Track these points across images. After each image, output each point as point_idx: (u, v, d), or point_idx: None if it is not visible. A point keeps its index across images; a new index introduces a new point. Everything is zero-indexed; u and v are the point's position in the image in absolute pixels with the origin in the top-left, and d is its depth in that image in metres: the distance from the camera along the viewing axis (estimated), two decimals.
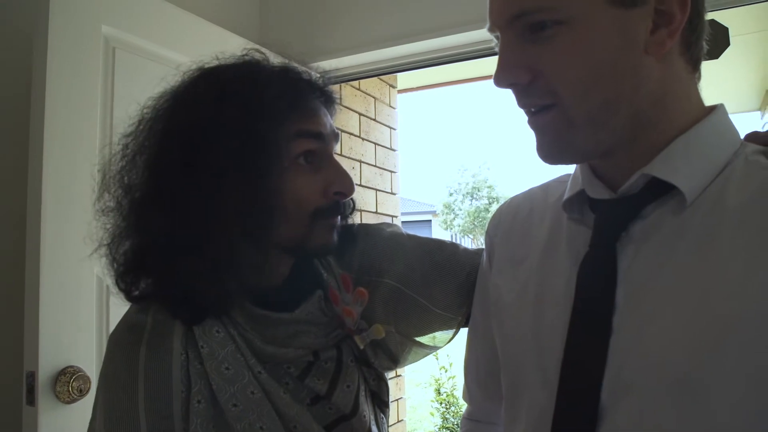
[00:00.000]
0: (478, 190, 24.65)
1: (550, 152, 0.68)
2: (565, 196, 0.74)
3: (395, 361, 0.93)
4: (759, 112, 4.62)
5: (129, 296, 0.83)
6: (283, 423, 0.78)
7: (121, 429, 0.75)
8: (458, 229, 24.10)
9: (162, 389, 0.76)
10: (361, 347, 0.87)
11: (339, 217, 0.86)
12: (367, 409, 0.88)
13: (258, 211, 0.76)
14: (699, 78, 0.68)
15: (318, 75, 0.89)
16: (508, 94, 0.68)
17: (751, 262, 0.56)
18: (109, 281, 0.83)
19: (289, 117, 0.80)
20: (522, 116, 0.70)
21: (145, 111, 0.84)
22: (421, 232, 1.05)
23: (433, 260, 0.96)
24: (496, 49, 0.67)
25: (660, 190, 0.64)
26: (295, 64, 0.89)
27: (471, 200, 24.76)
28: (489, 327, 0.84)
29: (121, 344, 0.82)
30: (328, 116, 0.87)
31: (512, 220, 0.85)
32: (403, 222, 3.21)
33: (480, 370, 0.91)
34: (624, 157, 0.67)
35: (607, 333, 0.61)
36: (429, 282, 0.94)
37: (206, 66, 0.85)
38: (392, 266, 0.95)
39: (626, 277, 0.63)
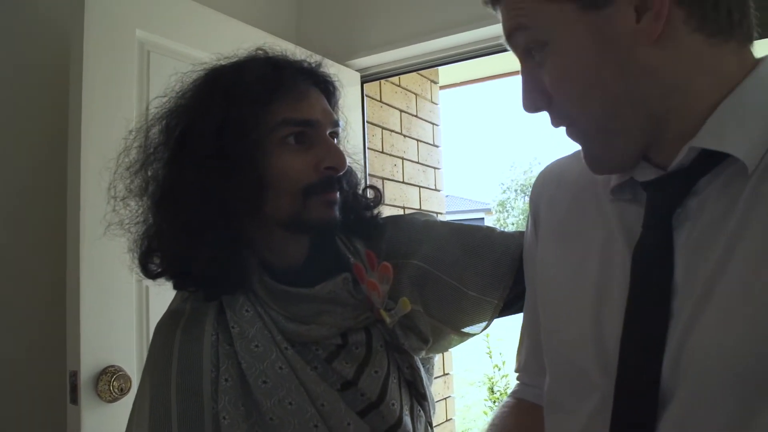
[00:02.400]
0: (529, 187, 24.32)
1: (589, 162, 0.68)
2: (613, 183, 0.70)
3: (425, 341, 0.92)
4: None
5: (146, 272, 0.88)
6: (311, 400, 0.80)
7: (156, 405, 0.80)
8: (512, 227, 23.80)
9: (193, 368, 0.81)
10: (388, 321, 0.86)
11: (337, 193, 0.88)
12: (397, 398, 0.86)
13: (245, 191, 0.81)
14: (749, 41, 0.62)
15: (314, 61, 0.92)
16: None
17: None
18: (132, 259, 0.90)
19: (272, 101, 0.83)
20: None
21: (154, 108, 0.90)
22: None
23: (465, 243, 0.94)
24: None
25: (713, 161, 0.59)
26: (292, 54, 0.92)
27: (524, 198, 24.45)
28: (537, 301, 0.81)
29: (162, 330, 0.89)
30: (323, 99, 0.89)
31: (556, 188, 0.82)
32: (453, 221, 3.16)
33: (532, 345, 0.87)
34: (663, 141, 0.63)
35: (665, 317, 0.58)
36: (459, 264, 0.93)
37: (211, 65, 0.90)
38: (420, 248, 0.94)
39: (683, 256, 0.59)
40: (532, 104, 0.66)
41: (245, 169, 0.80)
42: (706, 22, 0.59)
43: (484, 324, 0.96)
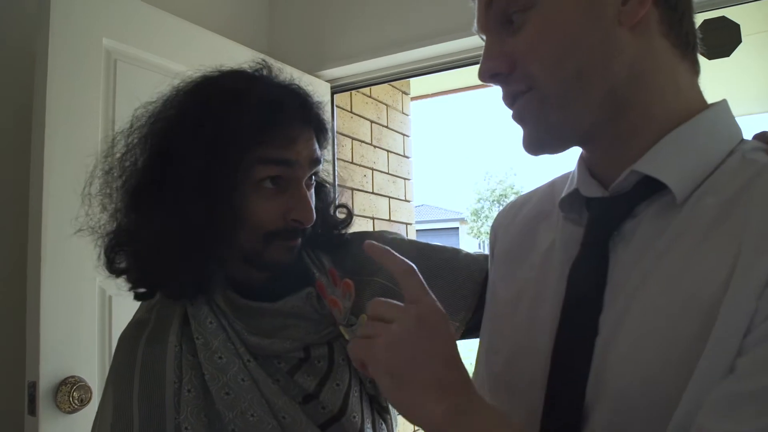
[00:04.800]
0: (505, 197, 24.53)
1: (530, 140, 0.67)
2: (561, 195, 0.73)
3: None
4: None
5: (111, 268, 0.87)
6: (273, 413, 0.80)
7: (118, 415, 0.80)
8: (485, 237, 23.95)
9: (155, 379, 0.80)
10: (348, 338, 0.85)
11: (299, 240, 0.88)
12: (358, 412, 0.87)
13: (219, 225, 0.81)
14: (697, 71, 0.66)
15: (316, 102, 0.90)
16: None
17: (717, 260, 0.53)
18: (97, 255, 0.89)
19: (259, 143, 0.81)
20: None
21: (140, 113, 0.88)
22: (447, 241, 1.04)
23: (429, 265, 0.94)
24: None
25: (652, 188, 0.62)
26: (295, 83, 0.90)
27: (498, 207, 24.64)
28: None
29: (126, 339, 0.88)
30: (313, 142, 0.88)
31: (513, 218, 0.84)
32: (427, 230, 3.17)
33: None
34: (612, 149, 0.65)
35: (593, 334, 0.60)
36: None
37: (207, 75, 0.87)
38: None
39: (613, 277, 0.62)
40: (490, 69, 0.65)
41: (223, 207, 0.81)
42: (672, 30, 0.63)
43: None
